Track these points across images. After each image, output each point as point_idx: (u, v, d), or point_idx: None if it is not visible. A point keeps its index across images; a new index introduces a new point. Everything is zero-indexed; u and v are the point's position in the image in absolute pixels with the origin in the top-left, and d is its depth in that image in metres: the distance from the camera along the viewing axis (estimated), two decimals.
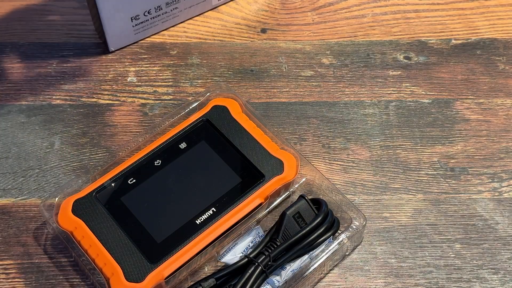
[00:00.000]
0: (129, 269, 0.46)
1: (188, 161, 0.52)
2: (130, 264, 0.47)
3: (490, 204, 0.55)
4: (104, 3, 0.58)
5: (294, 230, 0.49)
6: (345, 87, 0.62)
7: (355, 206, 0.51)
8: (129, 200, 0.50)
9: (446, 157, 0.57)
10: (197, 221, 0.49)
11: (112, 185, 0.51)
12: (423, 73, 0.63)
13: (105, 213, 0.49)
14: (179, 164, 0.52)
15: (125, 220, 0.49)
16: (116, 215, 0.49)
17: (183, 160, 0.52)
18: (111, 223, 0.49)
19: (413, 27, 0.66)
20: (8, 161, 0.56)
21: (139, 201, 0.50)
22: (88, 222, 0.48)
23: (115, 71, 0.62)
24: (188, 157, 0.52)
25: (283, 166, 0.52)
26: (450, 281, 0.51)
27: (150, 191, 0.50)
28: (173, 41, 0.65)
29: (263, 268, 0.47)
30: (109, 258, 0.47)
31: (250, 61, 0.63)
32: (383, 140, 0.58)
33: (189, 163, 0.52)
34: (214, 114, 0.54)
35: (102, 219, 0.49)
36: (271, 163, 0.52)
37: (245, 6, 0.68)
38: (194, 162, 0.52)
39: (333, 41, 0.65)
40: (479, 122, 0.60)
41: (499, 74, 0.63)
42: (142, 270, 0.47)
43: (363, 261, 0.52)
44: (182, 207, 0.50)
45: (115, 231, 0.48)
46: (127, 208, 0.50)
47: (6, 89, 0.61)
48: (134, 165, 0.52)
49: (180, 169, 0.52)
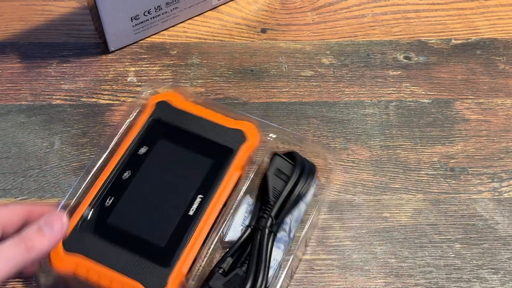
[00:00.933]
0: (149, 280, 0.46)
1: (155, 163, 0.51)
2: (147, 276, 0.46)
3: (490, 204, 0.55)
4: (104, 3, 0.58)
5: (281, 185, 0.51)
6: (345, 87, 0.62)
7: (323, 145, 0.53)
8: (116, 220, 0.49)
9: (446, 157, 0.57)
10: (190, 213, 0.49)
11: (92, 212, 0.49)
12: (423, 73, 0.63)
13: (99, 240, 0.48)
14: (149, 168, 0.51)
15: (121, 238, 0.48)
16: (110, 237, 0.48)
17: (150, 163, 0.51)
18: (109, 247, 0.47)
19: (413, 27, 0.66)
20: (8, 161, 0.56)
21: (126, 216, 0.49)
22: (86, 254, 0.47)
23: (115, 71, 0.62)
24: (154, 159, 0.52)
25: (245, 134, 0.52)
26: (450, 281, 0.51)
27: (133, 203, 0.50)
28: (173, 41, 0.65)
29: (269, 229, 0.48)
30: (124, 278, 0.46)
31: (250, 61, 0.63)
32: (383, 140, 0.58)
33: (157, 164, 0.51)
34: (160, 111, 0.54)
35: (98, 246, 0.47)
36: (233, 135, 0.52)
37: (245, 6, 0.68)
38: (161, 161, 0.52)
39: (333, 41, 0.65)
40: (479, 122, 0.60)
41: (499, 74, 0.63)
42: (161, 276, 0.46)
43: (363, 261, 0.52)
44: (170, 206, 0.49)
45: (117, 252, 0.47)
46: (118, 227, 0.49)
47: (6, 89, 0.61)
48: (105, 185, 0.50)
49: (152, 173, 0.51)
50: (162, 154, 0.52)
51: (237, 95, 0.61)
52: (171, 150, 0.52)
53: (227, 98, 0.60)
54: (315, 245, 0.52)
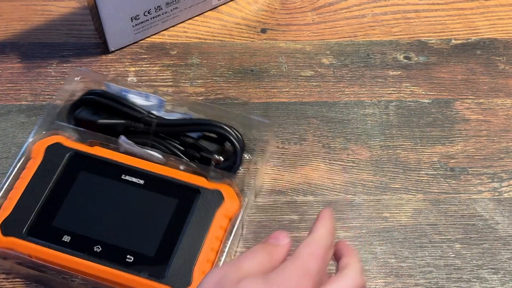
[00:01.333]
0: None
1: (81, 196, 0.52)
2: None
3: (490, 204, 0.55)
4: (104, 3, 0.58)
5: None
6: (345, 87, 0.62)
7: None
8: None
9: (446, 157, 0.57)
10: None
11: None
12: (423, 73, 0.63)
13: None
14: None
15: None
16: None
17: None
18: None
19: (413, 27, 0.66)
20: (8, 161, 0.56)
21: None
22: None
23: (115, 71, 0.62)
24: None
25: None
26: (450, 281, 0.51)
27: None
28: (173, 41, 0.65)
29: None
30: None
31: (250, 61, 0.63)
32: (383, 140, 0.58)
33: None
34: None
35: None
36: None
37: (245, 6, 0.68)
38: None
39: (333, 41, 0.65)
40: (479, 122, 0.60)
41: (499, 74, 0.63)
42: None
43: (363, 261, 0.52)
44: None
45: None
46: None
47: (6, 89, 0.61)
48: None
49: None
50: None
51: (237, 95, 0.61)
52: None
53: (227, 98, 0.60)
54: None
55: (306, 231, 0.53)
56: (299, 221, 0.54)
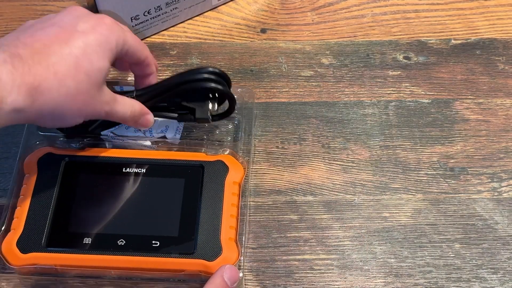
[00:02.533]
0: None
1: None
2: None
3: (489, 204, 0.55)
4: (104, 3, 0.58)
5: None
6: (345, 87, 0.62)
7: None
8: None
9: (446, 157, 0.57)
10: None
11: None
12: (422, 73, 0.63)
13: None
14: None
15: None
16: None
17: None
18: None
19: (413, 27, 0.66)
20: (8, 161, 0.56)
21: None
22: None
23: (115, 71, 0.62)
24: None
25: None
26: (450, 281, 0.51)
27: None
28: (173, 41, 0.65)
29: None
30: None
31: (250, 61, 0.63)
32: (382, 140, 0.58)
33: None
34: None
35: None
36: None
37: (245, 6, 0.68)
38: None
39: (333, 41, 0.65)
40: (479, 122, 0.60)
41: (498, 74, 0.63)
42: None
43: (363, 261, 0.52)
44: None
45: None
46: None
47: None
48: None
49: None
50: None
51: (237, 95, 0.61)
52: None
53: None
54: (315, 245, 0.52)
55: (306, 231, 0.53)
56: (299, 221, 0.54)
